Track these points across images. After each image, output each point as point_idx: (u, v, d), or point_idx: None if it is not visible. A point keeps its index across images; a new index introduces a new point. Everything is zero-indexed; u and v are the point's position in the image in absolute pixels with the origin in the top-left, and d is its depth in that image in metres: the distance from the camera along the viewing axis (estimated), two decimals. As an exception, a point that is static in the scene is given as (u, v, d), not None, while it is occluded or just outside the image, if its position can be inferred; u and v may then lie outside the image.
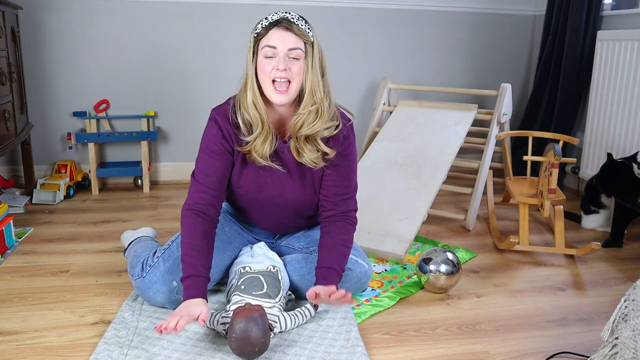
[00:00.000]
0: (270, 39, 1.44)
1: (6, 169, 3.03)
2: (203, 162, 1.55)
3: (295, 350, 1.45)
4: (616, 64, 2.66)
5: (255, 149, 1.52)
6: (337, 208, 1.62)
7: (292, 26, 1.44)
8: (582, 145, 2.93)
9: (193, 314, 1.38)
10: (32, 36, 2.89)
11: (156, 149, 3.18)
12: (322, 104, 1.50)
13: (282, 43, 1.43)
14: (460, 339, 1.56)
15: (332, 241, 1.58)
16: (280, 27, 1.44)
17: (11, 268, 1.97)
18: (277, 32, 1.44)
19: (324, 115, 1.51)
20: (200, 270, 1.47)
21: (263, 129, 1.50)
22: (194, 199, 1.54)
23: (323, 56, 1.52)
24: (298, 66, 1.46)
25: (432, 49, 3.37)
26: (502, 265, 2.10)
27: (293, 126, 1.52)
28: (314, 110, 1.50)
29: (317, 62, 1.48)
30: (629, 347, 1.14)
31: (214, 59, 3.09)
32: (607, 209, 2.46)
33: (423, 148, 2.56)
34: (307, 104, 1.49)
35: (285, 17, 1.46)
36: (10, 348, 1.45)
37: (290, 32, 1.44)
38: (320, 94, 1.49)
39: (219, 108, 1.57)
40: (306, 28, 1.47)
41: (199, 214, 1.52)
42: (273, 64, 1.45)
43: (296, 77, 1.46)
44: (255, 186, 1.61)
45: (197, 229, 1.51)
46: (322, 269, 1.55)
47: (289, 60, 1.45)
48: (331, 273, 1.54)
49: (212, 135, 1.54)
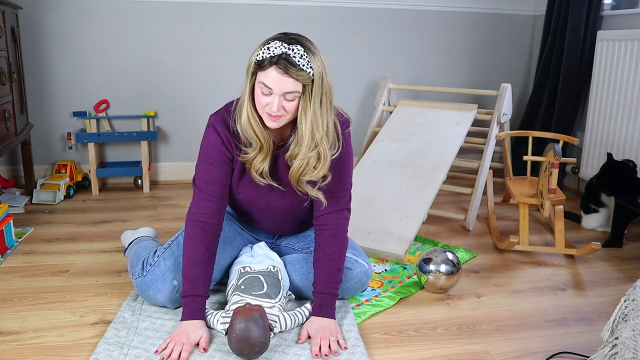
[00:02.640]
0: (267, 78, 1.36)
1: (6, 169, 3.03)
2: (204, 170, 1.54)
3: (295, 350, 1.45)
4: (616, 64, 2.66)
5: (254, 167, 1.51)
6: (329, 206, 1.57)
7: (289, 70, 1.34)
8: (582, 145, 2.93)
9: (192, 341, 1.43)
10: (32, 36, 2.89)
11: (156, 149, 3.18)
12: (322, 146, 1.43)
13: (278, 86, 1.35)
14: (460, 339, 1.56)
15: (324, 256, 1.57)
16: (278, 68, 1.34)
17: (11, 268, 1.97)
18: (275, 74, 1.35)
19: (327, 159, 1.46)
20: (200, 289, 1.50)
21: (262, 150, 1.48)
22: (199, 208, 1.53)
23: (325, 85, 1.40)
24: (293, 105, 1.39)
25: (432, 49, 3.37)
26: (502, 265, 2.10)
27: (294, 174, 1.48)
28: (314, 156, 1.45)
29: (316, 98, 1.39)
30: (629, 347, 1.14)
31: (214, 59, 3.09)
32: (607, 207, 2.47)
33: (423, 148, 2.56)
34: (307, 147, 1.43)
35: (286, 56, 1.34)
36: (10, 348, 1.45)
37: (287, 77, 1.34)
38: (320, 133, 1.42)
39: (217, 114, 1.54)
40: (308, 67, 1.35)
41: (204, 226, 1.52)
42: (268, 100, 1.38)
43: (290, 114, 1.41)
44: (253, 192, 1.60)
45: (201, 244, 1.51)
46: (318, 294, 1.55)
47: (284, 100, 1.38)
48: (327, 299, 1.55)
49: (211, 142, 1.52)
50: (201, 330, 1.46)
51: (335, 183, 1.55)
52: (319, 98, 1.39)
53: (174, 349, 1.40)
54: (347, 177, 1.60)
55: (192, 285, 1.49)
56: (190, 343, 1.43)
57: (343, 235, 1.60)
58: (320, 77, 1.38)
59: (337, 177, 1.56)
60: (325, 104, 1.42)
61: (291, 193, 1.59)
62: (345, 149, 1.54)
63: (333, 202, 1.57)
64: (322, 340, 1.46)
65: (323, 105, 1.41)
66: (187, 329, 1.45)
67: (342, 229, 1.60)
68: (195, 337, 1.44)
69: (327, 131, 1.45)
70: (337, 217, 1.59)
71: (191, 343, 1.43)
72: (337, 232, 1.58)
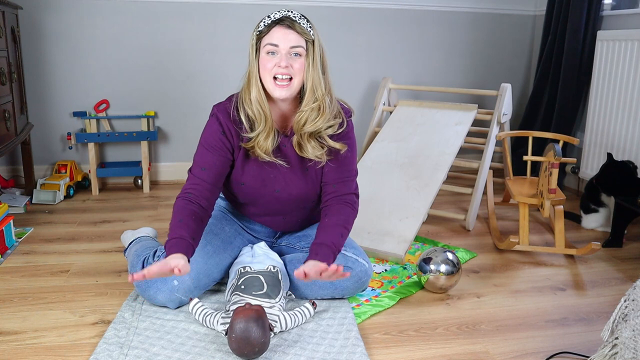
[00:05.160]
0: (272, 36, 1.47)
1: (6, 169, 3.03)
2: (201, 156, 1.58)
3: (295, 350, 1.45)
4: (616, 64, 2.66)
5: (258, 145, 1.54)
6: (336, 190, 1.63)
7: (294, 25, 1.47)
8: (582, 145, 2.93)
9: (169, 264, 1.34)
10: (32, 36, 2.89)
11: (156, 149, 3.18)
12: (323, 101, 1.53)
13: (284, 41, 1.47)
14: (460, 339, 1.56)
15: (328, 221, 1.58)
16: (282, 25, 1.47)
17: (11, 268, 1.97)
18: (280, 30, 1.47)
19: (326, 112, 1.54)
20: (183, 234, 1.44)
21: (266, 125, 1.53)
22: (188, 189, 1.56)
23: (324, 54, 1.55)
24: (299, 63, 1.49)
25: (432, 49, 3.37)
26: (502, 265, 2.10)
27: (296, 124, 1.55)
28: (316, 107, 1.53)
29: (318, 60, 1.51)
30: (629, 347, 1.14)
31: (214, 59, 3.09)
32: (607, 207, 2.47)
33: (423, 148, 2.56)
34: (309, 101, 1.52)
35: (288, 16, 1.49)
36: (10, 348, 1.46)
37: (292, 31, 1.47)
38: (321, 90, 1.52)
39: (221, 105, 1.59)
40: (308, 27, 1.50)
41: (190, 200, 1.54)
42: (275, 60, 1.48)
43: (298, 74, 1.49)
44: (259, 181, 1.62)
45: (186, 208, 1.51)
46: (314, 245, 1.54)
47: (290, 57, 1.48)
48: (323, 249, 1.51)
49: (212, 130, 1.57)
50: (181, 260, 1.36)
51: (341, 168, 1.62)
52: (319, 61, 1.51)
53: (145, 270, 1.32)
54: (352, 164, 1.67)
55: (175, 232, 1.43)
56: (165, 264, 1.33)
57: (350, 212, 1.62)
58: (318, 43, 1.51)
59: (343, 161, 1.62)
60: (326, 72, 1.55)
61: (297, 182, 1.61)
62: (350, 135, 1.63)
63: (340, 186, 1.63)
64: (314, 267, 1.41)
65: (325, 73, 1.54)
66: (167, 260, 1.36)
67: (350, 204, 1.63)
68: (173, 263, 1.34)
69: (329, 93, 1.55)
70: (345, 200, 1.63)
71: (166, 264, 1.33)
72: (345, 207, 1.62)
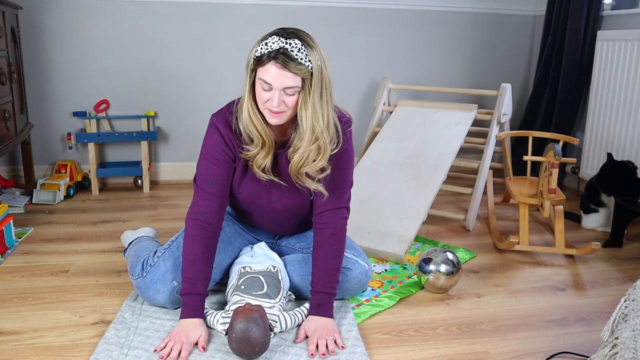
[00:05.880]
0: (266, 74, 1.36)
1: (6, 169, 3.03)
2: (205, 169, 1.54)
3: (295, 350, 1.45)
4: (616, 64, 2.66)
5: (256, 163, 1.51)
6: (329, 202, 1.57)
7: (288, 64, 1.34)
8: (582, 145, 2.93)
9: (191, 340, 1.43)
10: (32, 36, 2.89)
11: (156, 149, 3.18)
12: (322, 139, 1.43)
13: (278, 82, 1.36)
14: (460, 339, 1.56)
15: (322, 255, 1.57)
16: (277, 63, 1.34)
17: (11, 268, 1.97)
18: (274, 70, 1.35)
19: (327, 151, 1.46)
20: (199, 288, 1.50)
21: (265, 146, 1.48)
22: (199, 207, 1.53)
23: (325, 77, 1.41)
24: (292, 100, 1.39)
25: (432, 49, 3.37)
26: (502, 265, 2.10)
27: (294, 165, 1.48)
28: (314, 149, 1.45)
29: (316, 91, 1.39)
30: (629, 347, 1.14)
31: (214, 59, 3.09)
32: (607, 207, 2.47)
33: (423, 148, 2.56)
34: (308, 141, 1.43)
35: (284, 50, 1.34)
36: (10, 348, 1.46)
37: (286, 71, 1.34)
38: (320, 126, 1.42)
39: (219, 114, 1.54)
40: (306, 60, 1.35)
41: (203, 225, 1.52)
42: (269, 96, 1.39)
43: (291, 109, 1.42)
44: (255, 192, 1.60)
45: (200, 244, 1.51)
46: (316, 294, 1.55)
47: (284, 94, 1.38)
48: (325, 299, 1.55)
49: (214, 142, 1.52)
50: (200, 329, 1.46)
51: (335, 180, 1.56)
52: (318, 91, 1.39)
53: (173, 348, 1.40)
54: (347, 175, 1.60)
55: (191, 283, 1.49)
56: (189, 342, 1.43)
57: (342, 234, 1.60)
58: (319, 71, 1.38)
59: (338, 173, 1.56)
60: (325, 97, 1.42)
61: (292, 192, 1.59)
62: (346, 147, 1.55)
63: (333, 199, 1.57)
64: (319, 340, 1.46)
65: (323, 99, 1.41)
66: (187, 328, 1.45)
67: (341, 228, 1.60)
68: (195, 336, 1.44)
69: (328, 124, 1.45)
70: (336, 216, 1.59)
71: (190, 342, 1.43)
72: (336, 231, 1.58)
